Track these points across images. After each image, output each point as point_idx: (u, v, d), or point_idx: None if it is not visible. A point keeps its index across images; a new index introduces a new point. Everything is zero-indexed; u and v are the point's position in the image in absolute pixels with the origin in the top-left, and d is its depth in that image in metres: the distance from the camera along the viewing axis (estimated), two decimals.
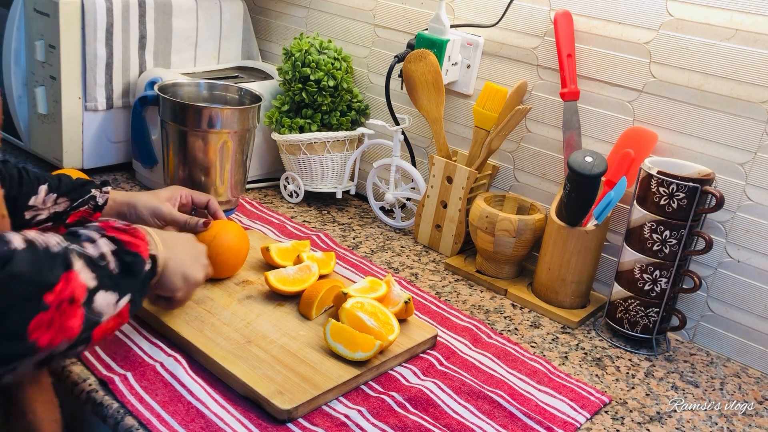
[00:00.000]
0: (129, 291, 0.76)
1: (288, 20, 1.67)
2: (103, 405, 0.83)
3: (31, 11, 1.32)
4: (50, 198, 0.97)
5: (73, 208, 1.00)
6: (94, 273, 0.71)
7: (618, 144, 1.19)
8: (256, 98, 1.29)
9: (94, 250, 0.73)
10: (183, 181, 1.23)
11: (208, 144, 1.19)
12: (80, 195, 1.01)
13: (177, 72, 1.46)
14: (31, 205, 0.96)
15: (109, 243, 0.75)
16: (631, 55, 1.17)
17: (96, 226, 0.78)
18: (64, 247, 0.69)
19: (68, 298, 0.67)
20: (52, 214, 0.98)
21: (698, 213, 1.06)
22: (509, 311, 1.19)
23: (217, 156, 1.20)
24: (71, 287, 0.67)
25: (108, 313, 0.72)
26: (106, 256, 0.74)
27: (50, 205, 0.98)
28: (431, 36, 1.32)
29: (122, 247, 0.76)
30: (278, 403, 0.83)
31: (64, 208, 0.99)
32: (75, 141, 1.38)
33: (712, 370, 1.11)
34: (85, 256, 0.71)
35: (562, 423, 0.91)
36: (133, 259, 0.77)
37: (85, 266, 0.70)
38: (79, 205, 1.00)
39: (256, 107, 1.25)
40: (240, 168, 1.25)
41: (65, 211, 0.99)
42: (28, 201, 0.95)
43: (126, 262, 0.76)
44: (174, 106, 1.19)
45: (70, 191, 1.00)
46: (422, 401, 0.90)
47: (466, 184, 1.29)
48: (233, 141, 1.21)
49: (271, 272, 1.05)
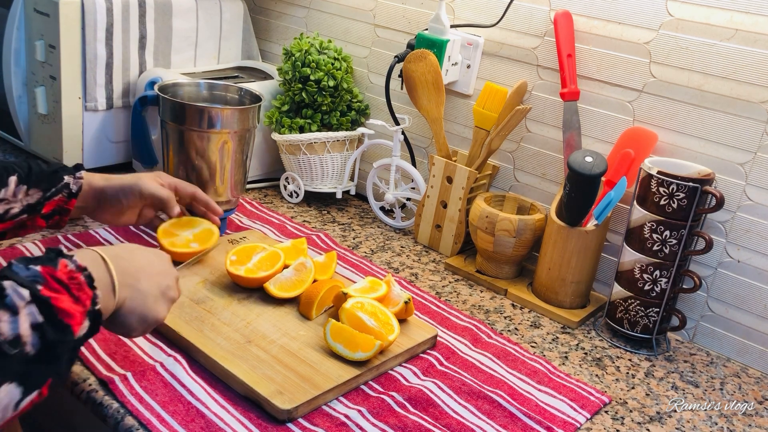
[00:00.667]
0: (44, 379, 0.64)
1: (288, 20, 1.67)
2: (103, 405, 0.83)
3: (31, 11, 1.32)
4: (21, 190, 0.92)
5: (47, 198, 0.95)
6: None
7: (618, 144, 1.19)
8: (256, 98, 1.29)
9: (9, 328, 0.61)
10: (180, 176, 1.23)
11: (208, 144, 1.19)
12: (52, 184, 0.95)
13: (177, 72, 1.46)
14: (1, 198, 0.91)
15: (35, 314, 0.63)
16: (631, 55, 1.17)
17: (36, 273, 0.66)
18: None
19: None
20: (26, 206, 0.93)
21: (698, 213, 1.06)
22: (509, 311, 1.19)
23: (217, 156, 1.20)
24: None
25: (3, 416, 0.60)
26: (23, 338, 0.61)
27: (21, 197, 0.92)
28: (431, 36, 1.32)
29: (53, 317, 0.64)
30: (278, 403, 0.83)
31: (37, 199, 0.94)
32: (75, 141, 1.38)
33: (712, 370, 1.11)
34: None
35: (562, 423, 0.91)
36: (59, 338, 0.65)
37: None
38: (52, 195, 0.95)
39: (256, 107, 1.25)
40: (240, 168, 1.25)
41: (38, 202, 0.94)
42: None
43: (49, 342, 0.63)
44: (174, 106, 1.19)
45: (40, 180, 0.94)
46: (422, 401, 0.90)
47: (466, 184, 1.29)
48: (233, 141, 1.21)
49: (270, 281, 1.05)
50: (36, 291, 0.64)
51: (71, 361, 0.69)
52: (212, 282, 1.07)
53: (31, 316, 0.63)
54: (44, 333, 0.63)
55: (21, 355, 0.61)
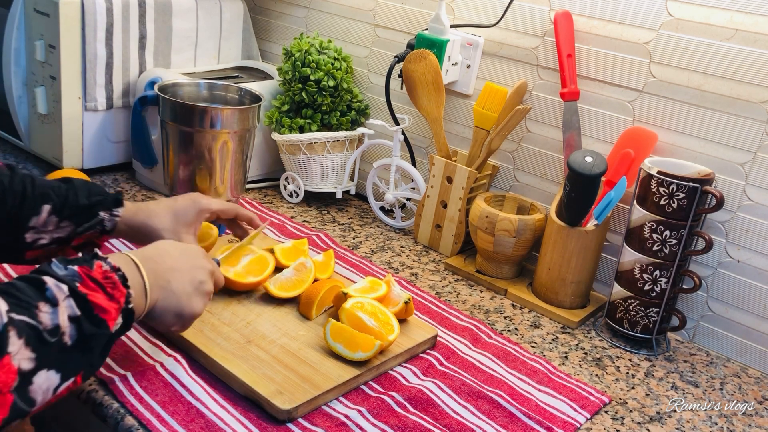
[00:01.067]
0: (79, 368, 0.69)
1: (288, 20, 1.67)
2: (103, 405, 0.83)
3: (31, 11, 1.32)
4: (52, 221, 0.89)
5: (77, 234, 0.91)
6: (34, 353, 0.63)
7: (618, 144, 1.19)
8: (256, 98, 1.29)
9: (49, 319, 0.66)
10: (183, 181, 1.23)
11: (208, 144, 1.19)
12: (86, 218, 0.91)
13: (177, 72, 1.46)
14: (31, 227, 0.87)
15: (73, 307, 0.68)
16: (631, 55, 1.17)
17: (74, 272, 0.70)
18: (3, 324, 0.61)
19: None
20: (55, 239, 0.90)
21: (698, 213, 1.06)
22: (509, 311, 1.19)
23: (217, 156, 1.20)
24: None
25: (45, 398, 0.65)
26: (61, 328, 0.66)
27: (52, 229, 0.89)
28: (431, 36, 1.32)
29: (89, 312, 0.69)
30: (278, 403, 0.83)
31: (68, 233, 0.90)
32: (75, 141, 1.38)
33: (712, 370, 1.11)
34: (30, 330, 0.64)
35: (562, 423, 0.91)
36: (94, 331, 0.69)
37: (25, 346, 0.63)
38: (84, 231, 0.92)
39: (256, 107, 1.25)
40: (240, 168, 1.25)
41: (69, 236, 0.91)
42: (29, 222, 0.87)
43: (85, 334, 0.68)
44: (174, 106, 1.19)
45: (74, 214, 0.90)
46: (422, 401, 0.90)
47: (466, 184, 1.29)
48: (233, 141, 1.21)
49: (270, 280, 1.04)
50: (74, 287, 0.69)
51: (104, 354, 0.73)
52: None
53: (70, 309, 0.68)
54: (81, 325, 0.68)
55: (60, 345, 0.66)
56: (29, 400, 0.64)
